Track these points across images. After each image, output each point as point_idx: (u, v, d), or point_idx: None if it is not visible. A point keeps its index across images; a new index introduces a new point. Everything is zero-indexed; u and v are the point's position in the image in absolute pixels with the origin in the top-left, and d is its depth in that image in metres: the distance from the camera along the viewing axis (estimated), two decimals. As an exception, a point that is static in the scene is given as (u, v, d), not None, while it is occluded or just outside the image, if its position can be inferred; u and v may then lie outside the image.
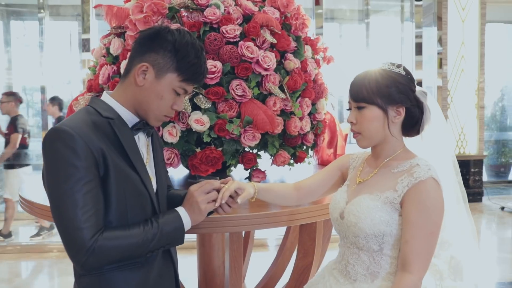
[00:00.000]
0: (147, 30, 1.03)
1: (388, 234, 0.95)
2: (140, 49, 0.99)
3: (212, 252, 1.79)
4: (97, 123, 0.93)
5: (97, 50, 1.79)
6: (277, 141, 1.69)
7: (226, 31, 1.51)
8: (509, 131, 7.58)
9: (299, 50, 1.73)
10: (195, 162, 1.51)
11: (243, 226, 1.20)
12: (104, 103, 0.99)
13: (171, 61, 0.97)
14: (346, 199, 1.07)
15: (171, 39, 0.97)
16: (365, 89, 0.99)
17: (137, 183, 0.95)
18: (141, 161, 0.99)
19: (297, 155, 1.81)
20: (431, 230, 0.91)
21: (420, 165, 0.96)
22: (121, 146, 0.94)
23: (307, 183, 1.20)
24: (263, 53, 1.55)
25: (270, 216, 1.23)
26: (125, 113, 1.00)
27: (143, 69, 0.97)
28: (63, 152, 0.86)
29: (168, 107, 1.01)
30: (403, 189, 0.94)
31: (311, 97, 1.76)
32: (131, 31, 1.50)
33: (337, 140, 2.42)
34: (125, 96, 1.00)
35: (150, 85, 0.98)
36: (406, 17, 4.75)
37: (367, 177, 1.06)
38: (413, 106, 1.00)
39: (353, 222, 0.98)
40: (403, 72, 1.01)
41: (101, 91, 1.70)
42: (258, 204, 1.32)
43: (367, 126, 1.00)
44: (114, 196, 0.91)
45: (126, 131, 0.98)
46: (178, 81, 0.99)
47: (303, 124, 1.73)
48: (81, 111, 0.97)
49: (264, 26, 1.59)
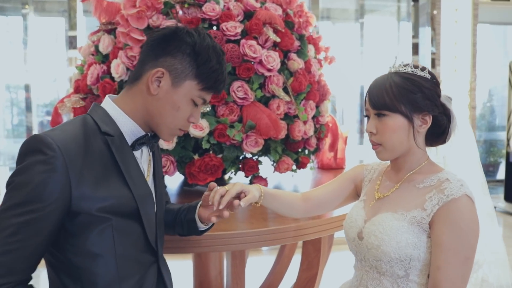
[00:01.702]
0: (161, 30, 0.89)
1: (415, 258, 0.84)
2: (153, 52, 0.86)
3: (209, 263, 1.68)
4: (91, 140, 0.80)
5: (85, 48, 1.65)
6: (280, 146, 1.59)
7: (226, 28, 1.40)
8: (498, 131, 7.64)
9: (303, 49, 1.63)
10: (193, 171, 1.40)
11: (247, 244, 1.07)
12: (106, 114, 0.85)
13: (190, 66, 0.85)
14: (364, 217, 0.95)
15: (191, 41, 0.85)
16: (387, 95, 0.88)
17: (132, 215, 0.82)
18: (143, 186, 0.86)
19: (300, 160, 1.72)
20: (466, 255, 0.80)
21: (450, 180, 0.86)
22: (117, 167, 0.82)
23: (316, 194, 1.08)
24: (266, 52, 1.44)
25: (276, 232, 1.10)
26: (130, 124, 0.87)
27: (158, 76, 0.84)
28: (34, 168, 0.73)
29: (184, 120, 0.89)
30: (433, 208, 0.83)
31: (316, 100, 1.66)
32: (123, 28, 1.37)
33: (338, 143, 2.33)
34: (133, 105, 0.87)
35: (166, 94, 0.85)
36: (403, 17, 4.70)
37: (388, 192, 0.95)
38: (440, 114, 0.90)
39: (375, 244, 0.87)
40: (428, 76, 0.91)
41: (89, 92, 1.57)
42: (263, 217, 1.22)
43: (389, 137, 0.89)
44: (99, 239, 0.78)
45: (126, 151, 0.85)
46: (197, 90, 0.87)
47: (307, 128, 1.64)
48: (77, 121, 0.83)
49: (266, 24, 1.49)
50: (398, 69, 0.92)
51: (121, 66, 1.38)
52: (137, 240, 0.84)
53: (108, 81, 1.41)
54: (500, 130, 7.59)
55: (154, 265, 0.89)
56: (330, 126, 1.95)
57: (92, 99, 1.54)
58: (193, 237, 1.03)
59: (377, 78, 0.94)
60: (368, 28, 4.77)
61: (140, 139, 0.87)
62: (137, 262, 0.84)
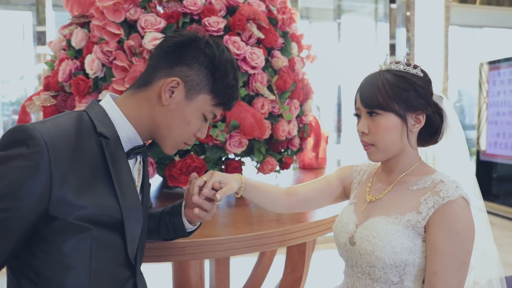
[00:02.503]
0: (177, 35, 0.82)
1: (410, 264, 0.81)
2: (168, 59, 0.79)
3: (189, 267, 1.61)
4: (83, 139, 0.72)
5: (56, 43, 1.55)
6: (264, 147, 1.54)
7: (209, 23, 1.34)
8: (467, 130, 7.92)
9: (287, 47, 1.59)
10: (173, 173, 1.33)
11: (234, 250, 1.01)
12: (104, 115, 0.77)
13: (207, 80, 0.79)
14: (355, 221, 0.91)
15: (210, 53, 0.79)
16: (379, 94, 0.84)
17: (114, 222, 0.75)
18: (132, 197, 0.79)
19: (283, 161, 1.68)
20: (462, 259, 0.78)
21: (445, 181, 0.82)
22: (107, 174, 0.74)
23: (301, 191, 1.03)
24: (250, 49, 1.39)
25: (264, 237, 1.05)
26: (129, 131, 0.79)
27: (172, 85, 0.78)
28: (14, 161, 0.65)
29: (191, 134, 0.83)
30: (428, 211, 0.80)
31: (300, 99, 1.63)
32: (98, 21, 1.29)
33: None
34: (138, 111, 0.80)
35: (177, 106, 0.79)
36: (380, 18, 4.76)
37: (380, 195, 0.91)
38: (433, 113, 0.88)
39: (369, 250, 0.83)
40: (421, 74, 0.88)
41: (61, 89, 1.47)
42: (248, 221, 1.17)
43: (382, 137, 0.85)
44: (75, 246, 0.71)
45: (120, 158, 0.77)
46: (210, 105, 0.81)
47: (291, 127, 1.60)
48: (71, 115, 0.75)
49: (250, 20, 1.43)
50: (390, 66, 0.89)
51: (96, 62, 1.30)
52: (116, 254, 0.77)
53: (82, 78, 1.32)
54: (469, 129, 7.88)
55: (131, 280, 0.82)
56: (313, 125, 1.92)
57: (64, 97, 1.44)
58: (176, 244, 0.97)
59: (368, 76, 0.90)
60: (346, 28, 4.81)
61: (137, 149, 0.80)
62: (112, 278, 0.77)
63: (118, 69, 1.26)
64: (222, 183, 0.85)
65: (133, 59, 1.27)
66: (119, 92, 1.25)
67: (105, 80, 1.32)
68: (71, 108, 1.40)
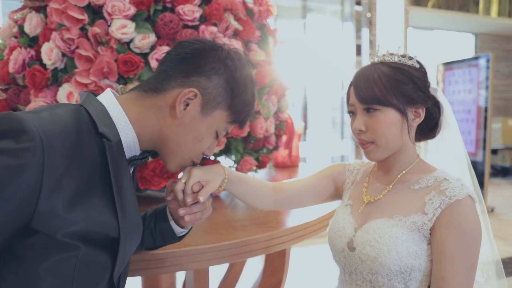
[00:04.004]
0: (196, 42, 0.73)
1: (416, 269, 0.76)
2: (184, 67, 0.70)
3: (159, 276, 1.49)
4: (84, 139, 0.60)
5: (5, 29, 1.36)
6: (241, 145, 1.46)
7: (183, 12, 1.23)
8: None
9: (264, 40, 1.52)
10: (146, 174, 1.21)
11: (216, 260, 0.92)
12: (106, 113, 0.66)
13: (225, 94, 0.71)
14: (354, 224, 0.85)
15: (231, 66, 0.71)
16: (377, 88, 0.78)
17: (108, 236, 0.62)
18: (134, 214, 0.68)
19: (261, 160, 1.60)
20: (471, 261, 0.73)
21: (449, 179, 0.78)
22: (107, 183, 0.62)
23: (290, 187, 0.95)
24: (228, 41, 1.30)
25: (247, 244, 0.96)
26: (130, 136, 0.68)
27: (189, 97, 0.69)
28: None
29: (200, 152, 0.74)
30: (435, 212, 0.75)
31: (277, 95, 1.56)
32: (57, 3, 1.14)
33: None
34: (143, 118, 0.69)
35: (191, 120, 0.70)
36: (346, 18, 4.81)
37: (379, 195, 0.85)
38: (432, 106, 0.83)
39: (372, 256, 0.77)
40: (417, 65, 0.82)
41: (12, 82, 1.30)
42: (232, 226, 1.08)
43: (382, 133, 0.79)
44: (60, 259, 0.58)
45: (123, 165, 0.65)
46: (225, 122, 0.74)
47: (268, 125, 1.53)
48: (69, 108, 0.62)
49: (227, 10, 1.34)
50: (383, 58, 0.83)
51: (55, 51, 1.15)
52: (100, 277, 0.65)
53: (39, 69, 1.16)
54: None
55: None
56: (289, 122, 1.87)
57: (16, 90, 1.27)
58: (154, 256, 0.86)
59: (361, 70, 0.84)
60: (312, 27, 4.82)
61: (137, 160, 0.70)
62: None
63: (82, 60, 1.12)
64: (202, 182, 0.76)
65: (99, 48, 1.13)
66: (83, 85, 1.11)
67: (66, 71, 1.17)
68: (25, 104, 1.24)
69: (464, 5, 6.91)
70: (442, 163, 0.88)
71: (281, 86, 1.63)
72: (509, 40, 7.86)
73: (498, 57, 7.43)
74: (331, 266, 2.79)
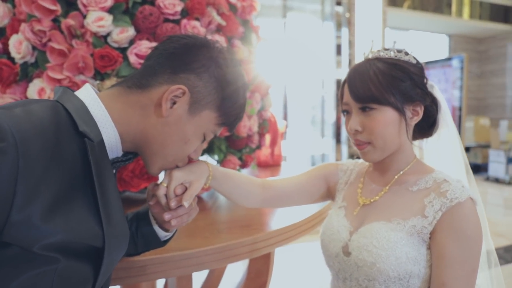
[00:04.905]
0: (187, 37, 0.68)
1: (415, 275, 0.72)
2: (172, 62, 0.65)
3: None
4: (64, 140, 0.53)
5: (-31, 20, 1.26)
6: (224, 144, 1.42)
7: (164, 5, 1.17)
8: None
9: (247, 36, 1.48)
10: (124, 176, 1.15)
11: (202, 265, 0.87)
12: (86, 110, 0.60)
13: (215, 94, 0.67)
14: (349, 228, 0.81)
15: (223, 64, 0.67)
16: (373, 85, 0.74)
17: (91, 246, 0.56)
18: (120, 222, 0.62)
19: (244, 159, 1.56)
20: (473, 267, 0.70)
21: (449, 181, 0.74)
22: (89, 187, 0.56)
23: (280, 185, 0.91)
24: (211, 36, 1.25)
25: (234, 247, 0.92)
26: (112, 136, 0.61)
27: (177, 94, 0.64)
28: None
29: (186, 155, 0.69)
30: (435, 215, 0.71)
31: (261, 92, 1.52)
32: (27, -7, 1.06)
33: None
34: (125, 116, 0.63)
35: (177, 120, 0.65)
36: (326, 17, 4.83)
37: (375, 197, 0.81)
38: (430, 103, 0.80)
39: (369, 261, 0.73)
40: (414, 61, 0.79)
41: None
42: (216, 229, 1.04)
43: (380, 134, 0.75)
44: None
45: (106, 167, 0.59)
46: (213, 124, 0.69)
47: (252, 123, 1.49)
48: (45, 104, 0.55)
49: (210, 4, 1.29)
50: (378, 54, 0.79)
51: (24, 44, 1.07)
52: None
53: (6, 62, 1.08)
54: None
55: None
56: (272, 121, 1.83)
57: (-19, 86, 1.18)
58: (135, 263, 0.81)
59: (355, 66, 0.80)
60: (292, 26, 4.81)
61: (120, 162, 0.64)
62: None
63: (55, 53, 1.05)
64: (185, 183, 0.71)
65: (73, 41, 1.06)
66: (56, 81, 1.04)
67: (37, 66, 1.10)
68: (-9, 100, 1.15)
69: (438, 7, 7.09)
70: (439, 163, 0.85)
71: (264, 83, 1.60)
72: (481, 42, 8.13)
73: (470, 58, 7.67)
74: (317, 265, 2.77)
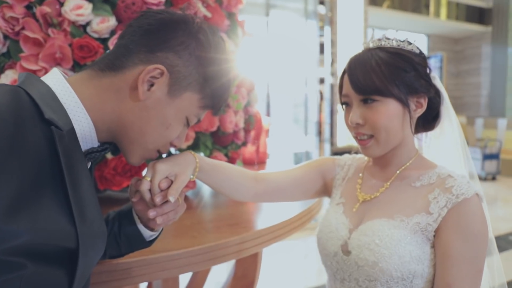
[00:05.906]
0: (163, 12, 0.62)
1: (419, 275, 0.68)
2: (148, 40, 0.59)
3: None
4: (25, 128, 0.47)
5: None
6: (209, 140, 1.37)
7: (147, -6, 1.12)
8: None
9: (233, 29, 1.44)
10: (106, 173, 1.09)
11: (190, 266, 0.83)
12: (53, 96, 0.54)
13: (196, 74, 0.61)
14: (348, 225, 0.77)
15: (205, 42, 0.61)
16: (375, 76, 0.70)
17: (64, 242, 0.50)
18: (96, 219, 0.56)
19: (230, 156, 1.52)
20: (478, 267, 0.67)
21: (453, 176, 0.71)
22: (59, 180, 0.50)
23: (274, 178, 0.85)
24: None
25: (223, 247, 0.87)
26: (85, 124, 0.56)
27: (154, 75, 0.58)
28: None
29: (167, 141, 0.63)
30: (441, 212, 0.68)
31: (247, 87, 1.49)
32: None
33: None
34: (98, 102, 0.58)
35: (156, 103, 0.60)
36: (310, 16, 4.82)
37: (376, 192, 0.78)
38: (434, 95, 0.76)
39: (370, 260, 0.70)
40: (417, 50, 0.75)
41: None
42: (204, 228, 0.99)
43: (384, 126, 0.71)
44: None
45: (78, 157, 0.54)
46: (196, 106, 0.63)
47: (238, 119, 1.45)
48: (4, 89, 0.49)
49: (195, -5, 1.25)
50: (380, 43, 0.75)
51: (-5, 32, 0.99)
52: None
53: (-22, 53, 1.00)
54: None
55: None
56: (258, 117, 1.80)
57: None
58: (119, 266, 0.76)
59: (355, 56, 0.76)
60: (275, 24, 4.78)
61: (96, 152, 0.58)
62: None
63: (29, 43, 0.98)
64: (170, 176, 0.66)
65: (49, 30, 1.00)
66: (30, 72, 0.97)
67: (9, 56, 1.02)
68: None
69: (417, 7, 7.22)
70: (441, 157, 0.82)
71: (248, 79, 1.56)
72: (458, 42, 8.34)
73: (448, 58, 7.86)
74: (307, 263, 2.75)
